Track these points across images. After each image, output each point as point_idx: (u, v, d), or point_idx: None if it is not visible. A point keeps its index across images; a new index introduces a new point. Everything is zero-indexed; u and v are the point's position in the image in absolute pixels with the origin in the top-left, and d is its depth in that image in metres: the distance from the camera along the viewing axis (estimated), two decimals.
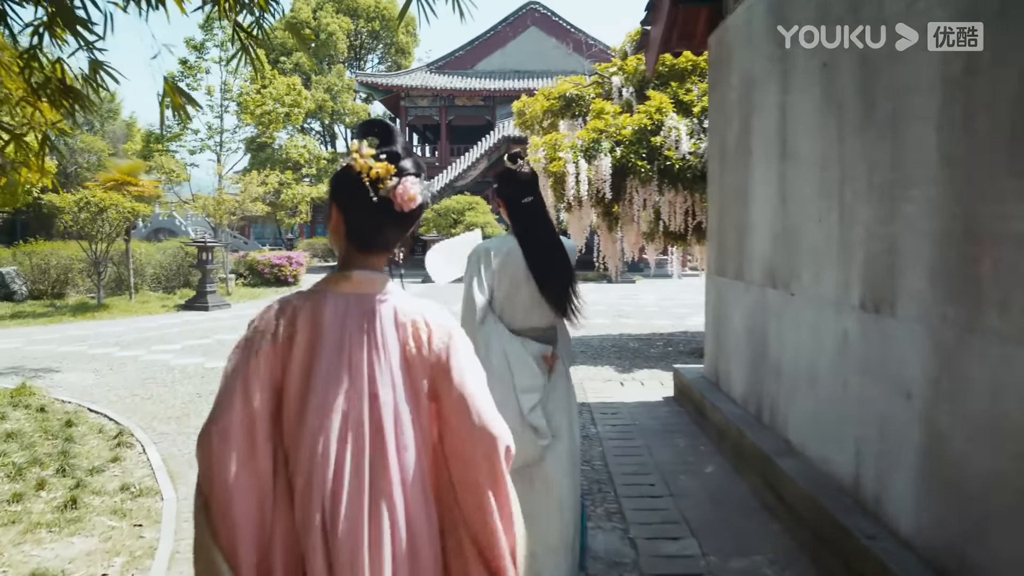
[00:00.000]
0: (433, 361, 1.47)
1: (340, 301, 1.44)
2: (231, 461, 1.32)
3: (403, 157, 1.45)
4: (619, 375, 8.04)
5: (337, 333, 1.42)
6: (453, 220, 26.01)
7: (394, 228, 1.49)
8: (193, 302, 15.91)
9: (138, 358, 9.02)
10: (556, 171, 8.50)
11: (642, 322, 13.08)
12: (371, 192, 1.38)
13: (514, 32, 37.40)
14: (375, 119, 1.56)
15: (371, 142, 1.45)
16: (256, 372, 1.39)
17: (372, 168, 1.39)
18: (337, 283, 1.48)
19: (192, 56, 25.82)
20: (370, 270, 1.49)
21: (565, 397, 2.90)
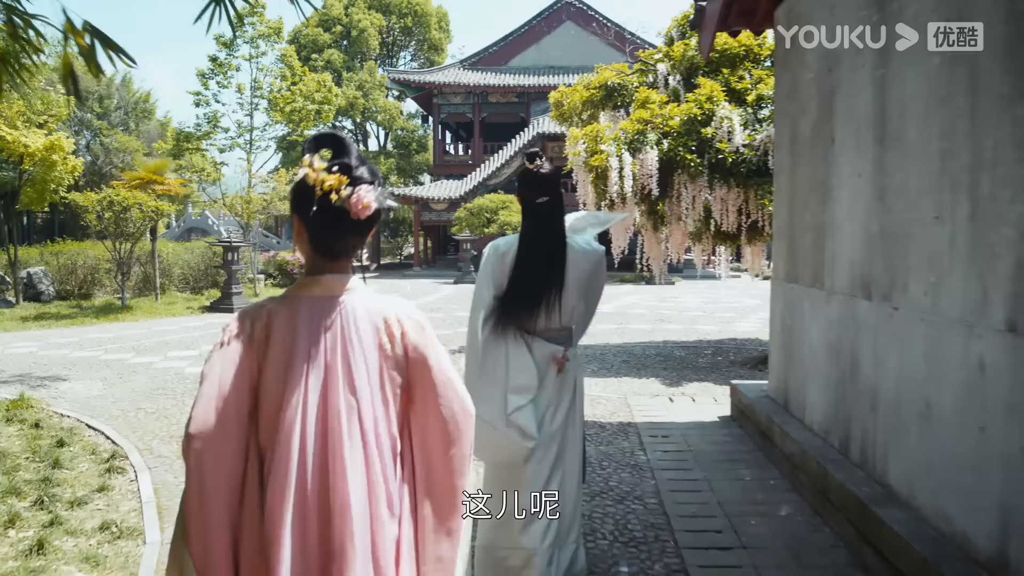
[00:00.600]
0: (410, 355, 1.56)
1: (314, 304, 1.52)
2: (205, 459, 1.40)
3: (356, 167, 1.50)
4: (667, 389, 7.36)
5: (312, 334, 1.49)
6: (486, 219, 25.44)
7: (354, 234, 1.56)
8: (218, 304, 15.54)
9: (152, 365, 8.56)
10: (598, 165, 7.83)
11: (686, 327, 12.35)
12: (326, 202, 1.45)
13: (549, 27, 36.73)
14: (326, 132, 1.58)
15: (324, 155, 1.50)
16: (233, 374, 1.45)
17: (324, 180, 1.44)
18: (309, 288, 1.56)
19: (222, 53, 25.62)
20: (338, 273, 1.57)
21: (572, 400, 2.88)
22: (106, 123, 48.09)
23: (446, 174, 34.14)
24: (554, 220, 2.80)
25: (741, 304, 16.83)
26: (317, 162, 1.45)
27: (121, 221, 14.50)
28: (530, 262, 2.77)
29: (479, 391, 2.64)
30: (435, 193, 30.64)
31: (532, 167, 2.82)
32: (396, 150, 35.51)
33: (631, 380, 7.79)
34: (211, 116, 26.26)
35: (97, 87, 47.86)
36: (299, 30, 34.99)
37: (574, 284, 2.82)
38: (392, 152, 35.47)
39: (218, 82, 26.52)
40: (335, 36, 34.54)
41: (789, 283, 4.95)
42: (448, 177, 33.29)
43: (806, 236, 4.57)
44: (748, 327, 12.43)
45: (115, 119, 49.29)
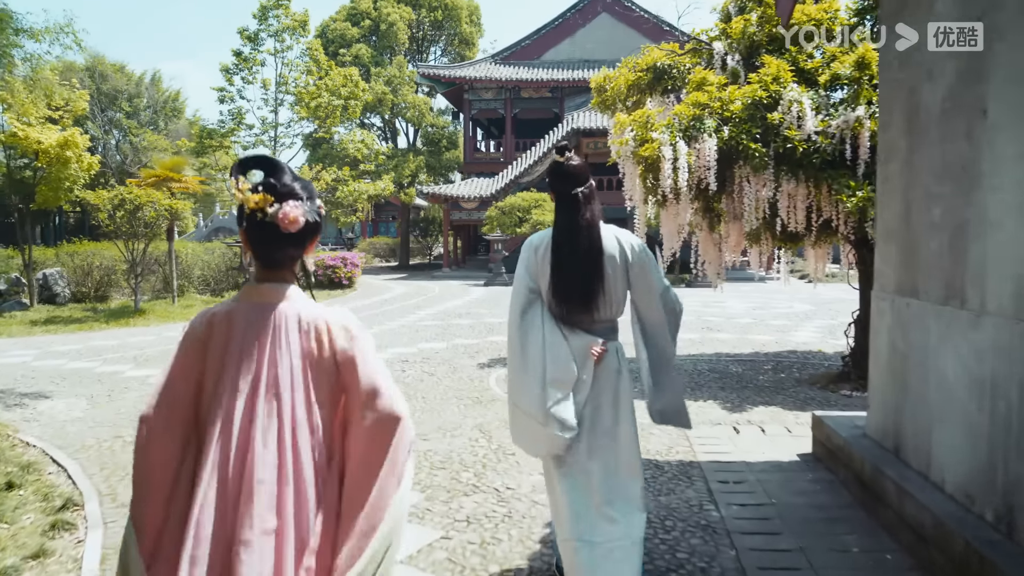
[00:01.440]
0: (339, 358, 1.69)
1: (250, 310, 1.68)
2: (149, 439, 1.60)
3: (283, 185, 1.65)
4: (729, 415, 6.37)
5: (245, 337, 1.65)
6: (518, 218, 24.53)
7: (290, 246, 1.70)
8: None
9: (147, 380, 7.79)
10: (648, 156, 6.86)
11: (738, 337, 11.30)
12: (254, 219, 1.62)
13: (583, 19, 35.73)
14: (254, 155, 1.75)
15: (251, 175, 1.68)
16: (181, 369, 1.67)
17: (249, 200, 1.61)
18: (249, 295, 1.72)
19: (247, 48, 25.04)
20: (277, 283, 1.72)
21: (614, 392, 2.89)
22: (135, 122, 48.17)
23: (477, 172, 33.32)
24: (585, 212, 2.82)
25: (792, 310, 15.70)
26: (242, 183, 1.63)
27: (134, 220, 13.84)
28: (566, 256, 2.80)
29: (520, 384, 2.77)
30: (465, 191, 29.81)
31: (562, 160, 2.88)
32: (425, 147, 34.78)
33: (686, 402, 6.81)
34: (235, 112, 25.74)
35: (127, 86, 48.03)
36: (327, 25, 34.40)
37: (617, 276, 2.86)
38: (421, 149, 34.74)
39: (243, 78, 25.99)
40: (363, 31, 33.88)
41: (903, 297, 3.95)
42: (479, 175, 32.46)
43: (934, 238, 3.57)
44: (806, 337, 11.35)
45: (144, 118, 49.38)
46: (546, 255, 2.85)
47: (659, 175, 6.95)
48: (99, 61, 46.29)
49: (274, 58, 25.88)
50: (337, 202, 24.43)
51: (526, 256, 2.91)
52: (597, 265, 2.81)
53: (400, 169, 31.33)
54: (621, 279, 2.88)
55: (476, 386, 7.39)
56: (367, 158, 26.91)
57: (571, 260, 2.79)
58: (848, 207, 6.73)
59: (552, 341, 2.78)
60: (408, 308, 16.38)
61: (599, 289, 2.82)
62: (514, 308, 2.87)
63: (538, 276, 2.87)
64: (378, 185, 24.46)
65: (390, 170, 29.53)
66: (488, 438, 5.47)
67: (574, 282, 2.80)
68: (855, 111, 6.88)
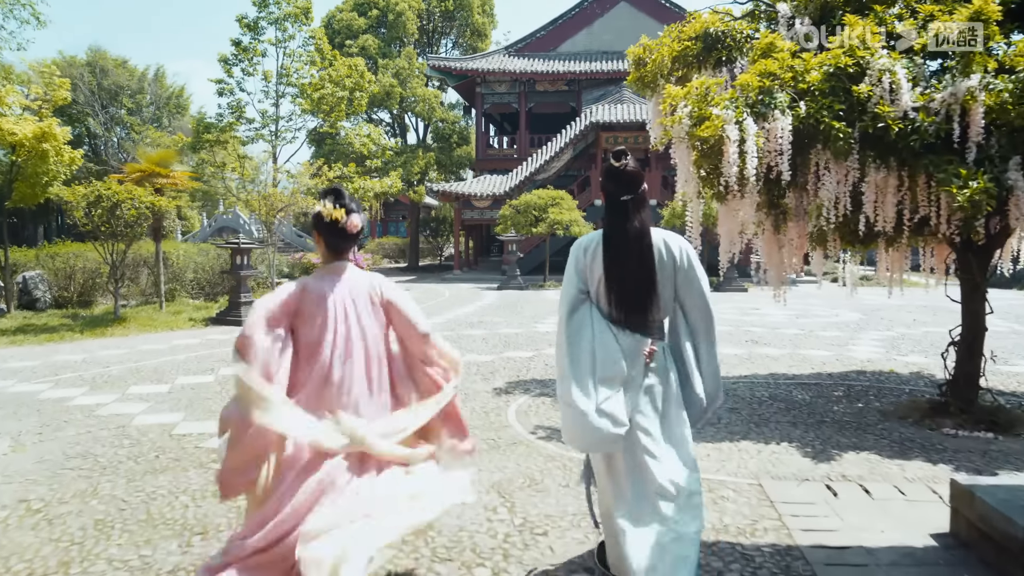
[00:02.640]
0: (384, 301, 2.91)
1: (328, 276, 2.86)
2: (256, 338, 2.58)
3: (349, 205, 2.85)
4: (814, 464, 5.04)
5: (334, 290, 2.81)
6: (534, 218, 23.21)
7: (351, 241, 2.92)
8: (225, 315, 13.62)
9: (97, 409, 6.55)
10: (708, 137, 5.54)
11: (790, 353, 9.96)
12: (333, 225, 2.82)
13: (602, 8, 34.44)
14: (331, 187, 2.92)
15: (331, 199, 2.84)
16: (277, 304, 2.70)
17: (332, 214, 2.80)
18: (328, 269, 2.90)
19: (246, 37, 23.85)
20: (341, 261, 2.91)
21: (665, 390, 2.94)
22: (138, 119, 47.20)
23: (489, 169, 32.05)
24: (636, 217, 2.94)
25: (839, 318, 14.32)
26: (327, 204, 2.81)
27: (113, 219, 12.64)
28: (618, 260, 2.92)
29: (571, 383, 2.82)
30: (478, 189, 28.53)
31: (618, 164, 2.96)
32: (435, 143, 33.51)
33: (754, 445, 5.50)
34: (234, 105, 24.58)
35: (129, 81, 47.06)
36: (332, 15, 33.21)
37: (666, 279, 2.96)
38: (431, 146, 33.49)
39: (243, 69, 24.81)
40: (371, 21, 32.66)
41: None
42: (492, 172, 31.19)
43: None
44: (868, 352, 9.99)
45: (147, 115, 48.43)
46: (596, 256, 2.97)
47: (722, 160, 5.64)
48: (100, 55, 45.36)
49: (275, 48, 24.70)
50: None
51: (575, 257, 3.04)
52: (649, 269, 2.92)
53: (409, 166, 30.08)
54: (669, 282, 2.98)
55: (492, 422, 6.09)
56: (374, 154, 25.66)
57: (623, 264, 2.92)
58: (959, 201, 5.39)
59: (602, 340, 2.88)
60: None
61: (651, 292, 2.93)
62: (564, 308, 2.99)
63: (587, 277, 3.00)
64: (385, 182, 23.21)
65: (398, 167, 28.26)
66: (510, 506, 4.17)
67: (626, 285, 2.92)
68: (966, 81, 5.55)
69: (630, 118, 27.02)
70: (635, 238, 2.90)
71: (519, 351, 9.97)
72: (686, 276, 2.96)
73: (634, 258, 2.89)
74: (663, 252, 2.94)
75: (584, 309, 2.94)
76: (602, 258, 2.93)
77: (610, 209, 2.97)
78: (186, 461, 4.99)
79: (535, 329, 12.45)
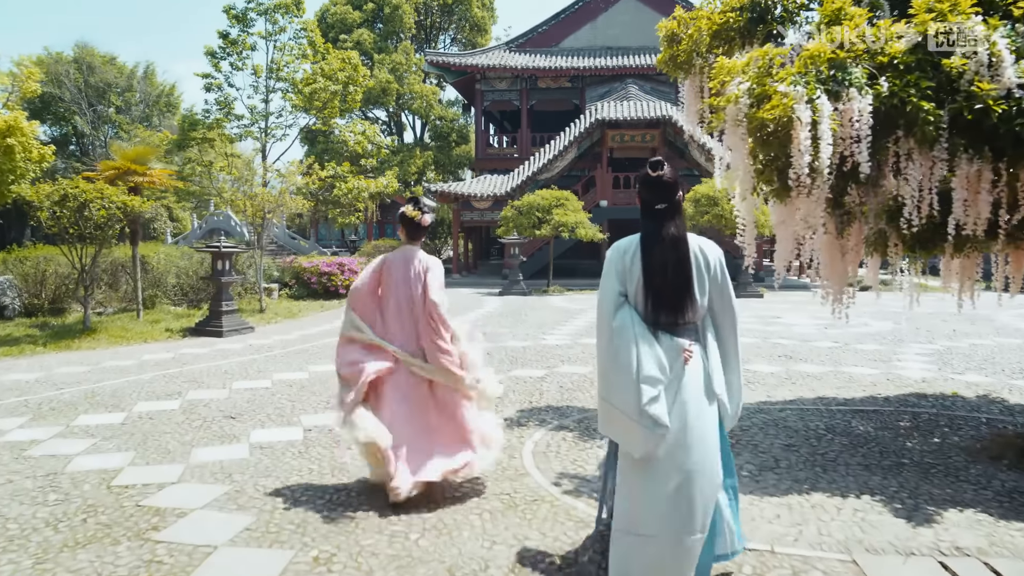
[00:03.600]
0: (424, 271, 4.51)
1: (404, 254, 4.60)
2: (360, 291, 4.57)
3: (424, 207, 4.71)
4: (911, 529, 4.01)
5: (401, 265, 4.56)
6: (537, 219, 22.17)
7: (422, 232, 4.72)
8: (204, 325, 12.57)
9: (30, 448, 5.51)
10: (775, 118, 4.52)
11: (832, 371, 8.94)
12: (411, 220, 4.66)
13: (606, 2, 33.45)
14: (412, 196, 5.55)
15: (412, 204, 4.75)
16: (370, 272, 4.61)
17: (413, 213, 4.65)
18: (401, 250, 4.65)
19: (235, 29, 22.83)
20: (414, 246, 4.65)
21: (701, 390, 3.02)
22: (127, 117, 46.12)
23: (490, 169, 31.04)
24: (672, 224, 3.09)
25: (871, 328, 13.31)
26: (409, 208, 4.67)
27: (81, 220, 11.61)
28: (656, 265, 3.05)
29: (613, 383, 2.95)
30: (477, 190, 27.51)
31: (655, 174, 3.12)
32: (433, 142, 32.49)
33: (829, 499, 4.48)
34: (222, 101, 23.56)
35: (117, 79, 45.98)
36: (326, 8, 32.19)
37: (701, 283, 3.09)
38: (429, 144, 32.47)
39: (231, 63, 23.82)
40: (366, 15, 31.64)
41: None
42: (492, 172, 30.18)
43: None
44: (919, 369, 8.98)
45: (136, 113, 47.34)
46: (635, 260, 3.09)
47: (791, 146, 4.63)
48: (88, 52, 44.27)
49: (265, 41, 23.69)
50: (334, 200, 22.19)
51: (614, 260, 3.14)
52: (685, 274, 3.05)
53: (406, 165, 29.06)
54: (703, 286, 3.10)
55: (506, 468, 5.04)
56: (369, 153, 24.62)
57: (661, 269, 3.04)
58: None
59: (643, 342, 2.96)
60: None
61: (687, 295, 3.05)
62: (605, 310, 3.09)
63: (626, 280, 3.11)
64: (380, 182, 22.19)
65: (394, 166, 27.24)
66: None
67: (664, 288, 3.03)
68: None
69: (637, 115, 26.03)
70: (671, 244, 3.06)
71: (528, 369, 8.94)
72: (719, 287, 3.15)
73: (671, 263, 3.04)
74: (699, 257, 3.10)
75: (625, 311, 3.04)
76: (640, 262, 3.06)
77: (647, 216, 3.13)
78: (120, 528, 3.96)
79: (544, 342, 11.39)
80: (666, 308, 3.01)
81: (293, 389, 7.71)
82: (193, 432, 5.95)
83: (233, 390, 7.68)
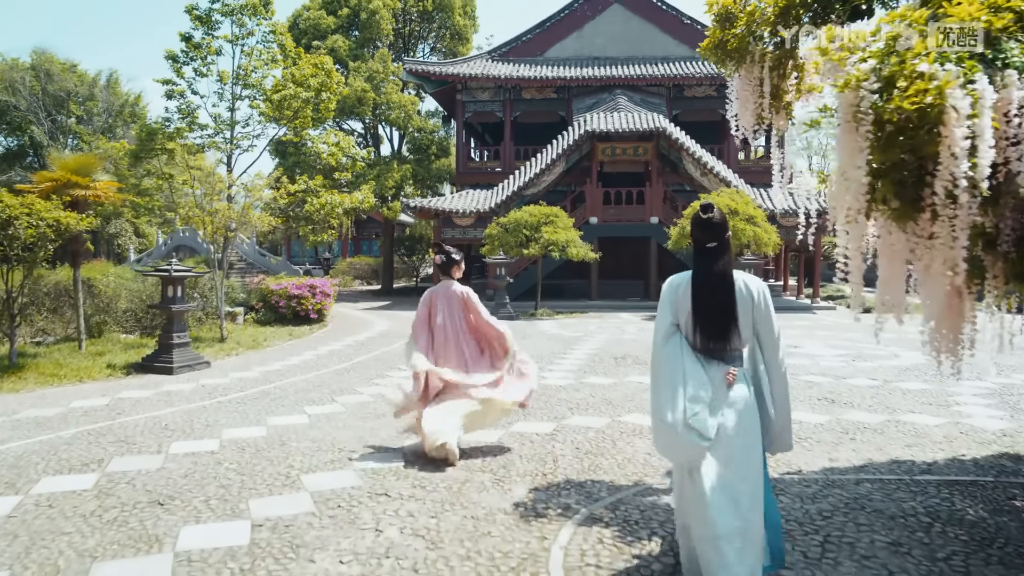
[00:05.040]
0: (464, 299, 6.31)
1: (445, 288, 6.34)
2: (417, 323, 6.28)
3: (450, 253, 6.39)
4: None
5: (443, 298, 6.31)
6: (525, 237, 20.87)
7: (446, 272, 6.39)
8: (153, 360, 11.06)
9: None
10: (915, 108, 3.23)
11: (889, 420, 7.67)
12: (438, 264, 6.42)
13: (593, 11, 32.44)
14: (436, 242, 6.81)
15: (435, 249, 6.67)
16: (424, 309, 6.31)
17: (438, 257, 6.42)
18: (441, 284, 6.39)
19: (198, 32, 21.35)
20: (449, 279, 6.37)
21: (743, 409, 3.38)
22: (88, 128, 44.30)
23: (471, 184, 29.75)
24: (720, 261, 3.49)
25: (903, 360, 12.10)
26: (437, 255, 6.44)
27: (7, 240, 10.10)
28: (706, 299, 3.45)
29: (665, 401, 3.35)
30: (459, 205, 26.18)
31: (706, 216, 3.51)
32: (412, 155, 31.14)
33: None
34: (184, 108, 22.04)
35: (78, 87, 44.19)
36: (299, 14, 30.81)
37: (745, 313, 3.45)
38: (408, 158, 31.10)
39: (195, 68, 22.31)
40: (341, 20, 30.31)
41: None
42: (474, 187, 28.90)
43: None
44: (988, 417, 7.73)
45: (99, 124, 45.53)
46: (686, 293, 3.50)
47: (921, 152, 3.35)
48: (46, 58, 42.44)
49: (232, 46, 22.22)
50: (305, 217, 20.69)
51: (668, 294, 3.59)
52: (731, 306, 3.43)
53: (383, 179, 27.64)
54: (747, 317, 3.46)
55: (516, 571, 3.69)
56: (343, 166, 23.20)
57: (710, 302, 3.44)
58: None
59: (691, 365, 3.38)
60: (388, 359, 12.66)
61: (731, 325, 3.43)
62: (659, 338, 3.51)
63: (678, 311, 3.53)
64: (355, 197, 20.75)
65: (370, 180, 25.82)
66: None
67: (713, 320, 3.42)
68: None
69: (629, 127, 24.90)
70: (719, 279, 3.46)
71: (533, 422, 7.56)
72: (764, 316, 3.51)
73: (718, 296, 3.44)
74: (743, 291, 3.48)
75: (676, 338, 3.49)
76: (691, 295, 3.47)
77: (698, 254, 3.56)
78: None
79: (543, 381, 9.95)
80: (713, 337, 3.42)
81: (245, 455, 6.27)
82: (102, 532, 4.49)
83: (169, 455, 6.23)
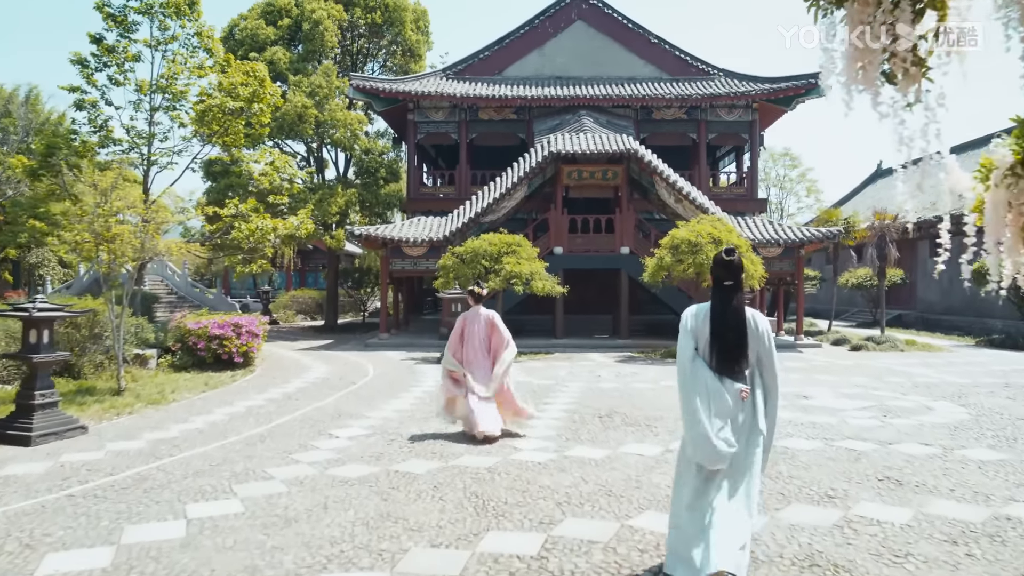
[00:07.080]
0: (490, 321, 9.20)
1: (474, 312, 9.26)
2: (453, 343, 9.17)
3: (480, 287, 9.40)
4: None
5: (473, 322, 9.19)
6: (484, 268, 18.77)
7: (482, 299, 9.35)
8: (7, 426, 8.61)
9: None
10: None
11: (990, 516, 5.73)
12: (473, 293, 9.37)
13: (555, 28, 30.90)
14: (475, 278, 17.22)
15: (473, 282, 10.74)
16: (458, 329, 9.21)
17: (477, 291, 9.36)
18: (471, 310, 9.30)
19: (112, 34, 19.01)
20: (477, 305, 9.30)
21: (750, 422, 4.34)
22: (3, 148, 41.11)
23: (424, 210, 27.64)
24: (735, 298, 4.35)
25: (939, 416, 10.27)
26: (475, 287, 9.37)
27: None
28: (722, 329, 4.29)
29: (694, 416, 4.17)
30: (410, 234, 24.00)
31: (728, 259, 4.36)
32: (359, 179, 28.90)
33: None
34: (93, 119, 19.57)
35: None
36: (235, 23, 28.57)
37: (753, 342, 4.32)
38: (354, 181, 28.85)
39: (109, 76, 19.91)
40: (281, 31, 28.14)
41: None
42: (426, 214, 26.80)
43: None
44: None
45: (15, 142, 42.34)
46: (705, 321, 4.34)
47: None
48: None
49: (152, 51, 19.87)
50: (233, 245, 18.33)
51: (688, 322, 4.41)
52: (743, 335, 4.29)
53: (326, 204, 25.32)
54: (754, 344, 4.33)
55: None
56: (278, 188, 20.87)
57: (725, 332, 4.28)
58: None
59: (713, 384, 4.23)
60: (318, 421, 10.34)
61: (743, 350, 4.28)
62: (683, 360, 4.32)
63: (698, 337, 4.35)
64: (290, 223, 18.48)
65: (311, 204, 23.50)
66: None
67: (729, 346, 4.27)
68: None
69: (597, 148, 23.13)
70: (733, 313, 4.31)
71: (510, 531, 5.37)
72: (766, 348, 4.36)
73: (732, 326, 4.28)
74: (752, 323, 4.33)
75: (697, 362, 4.29)
76: (709, 324, 4.31)
77: (717, 288, 4.42)
78: None
79: (517, 456, 7.79)
80: (728, 360, 4.27)
81: None
82: None
83: None
